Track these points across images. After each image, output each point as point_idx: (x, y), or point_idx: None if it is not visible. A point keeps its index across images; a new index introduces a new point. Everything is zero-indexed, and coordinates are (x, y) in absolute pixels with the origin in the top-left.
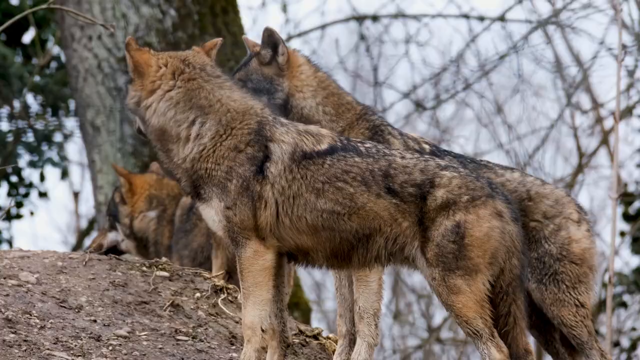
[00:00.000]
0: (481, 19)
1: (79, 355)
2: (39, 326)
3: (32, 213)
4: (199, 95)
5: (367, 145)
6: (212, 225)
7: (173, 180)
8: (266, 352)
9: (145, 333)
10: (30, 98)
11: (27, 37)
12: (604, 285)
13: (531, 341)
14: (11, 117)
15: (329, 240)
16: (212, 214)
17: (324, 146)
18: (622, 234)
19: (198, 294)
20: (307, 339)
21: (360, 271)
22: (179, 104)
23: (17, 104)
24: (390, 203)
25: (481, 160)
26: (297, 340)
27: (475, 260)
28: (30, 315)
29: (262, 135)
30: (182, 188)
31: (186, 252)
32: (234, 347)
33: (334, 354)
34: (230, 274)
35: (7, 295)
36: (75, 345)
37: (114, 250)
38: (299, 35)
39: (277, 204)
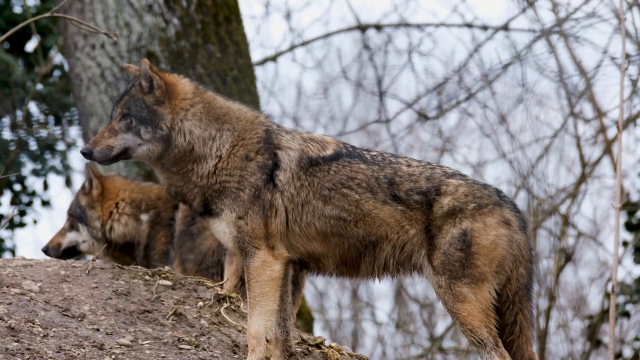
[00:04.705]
0: (484, 28)
1: None
2: (41, 335)
3: (35, 221)
4: (214, 105)
5: (373, 153)
6: (222, 238)
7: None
8: None
9: (148, 342)
10: (33, 106)
11: (30, 45)
12: (607, 295)
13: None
14: (14, 125)
15: (338, 247)
16: (222, 226)
17: (329, 152)
18: (625, 243)
19: (201, 303)
20: (310, 348)
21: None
22: (202, 120)
23: (19, 112)
24: (396, 210)
25: None
26: (299, 349)
27: (481, 269)
28: (33, 323)
29: (271, 143)
30: (194, 209)
31: (192, 256)
32: (236, 356)
33: None
34: (244, 281)
35: (10, 303)
36: (78, 354)
37: (73, 250)
38: (303, 44)
39: (287, 211)
